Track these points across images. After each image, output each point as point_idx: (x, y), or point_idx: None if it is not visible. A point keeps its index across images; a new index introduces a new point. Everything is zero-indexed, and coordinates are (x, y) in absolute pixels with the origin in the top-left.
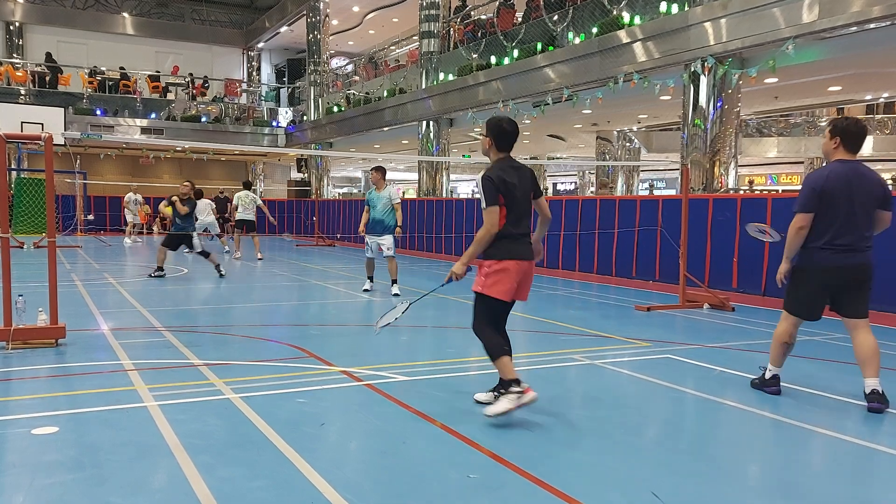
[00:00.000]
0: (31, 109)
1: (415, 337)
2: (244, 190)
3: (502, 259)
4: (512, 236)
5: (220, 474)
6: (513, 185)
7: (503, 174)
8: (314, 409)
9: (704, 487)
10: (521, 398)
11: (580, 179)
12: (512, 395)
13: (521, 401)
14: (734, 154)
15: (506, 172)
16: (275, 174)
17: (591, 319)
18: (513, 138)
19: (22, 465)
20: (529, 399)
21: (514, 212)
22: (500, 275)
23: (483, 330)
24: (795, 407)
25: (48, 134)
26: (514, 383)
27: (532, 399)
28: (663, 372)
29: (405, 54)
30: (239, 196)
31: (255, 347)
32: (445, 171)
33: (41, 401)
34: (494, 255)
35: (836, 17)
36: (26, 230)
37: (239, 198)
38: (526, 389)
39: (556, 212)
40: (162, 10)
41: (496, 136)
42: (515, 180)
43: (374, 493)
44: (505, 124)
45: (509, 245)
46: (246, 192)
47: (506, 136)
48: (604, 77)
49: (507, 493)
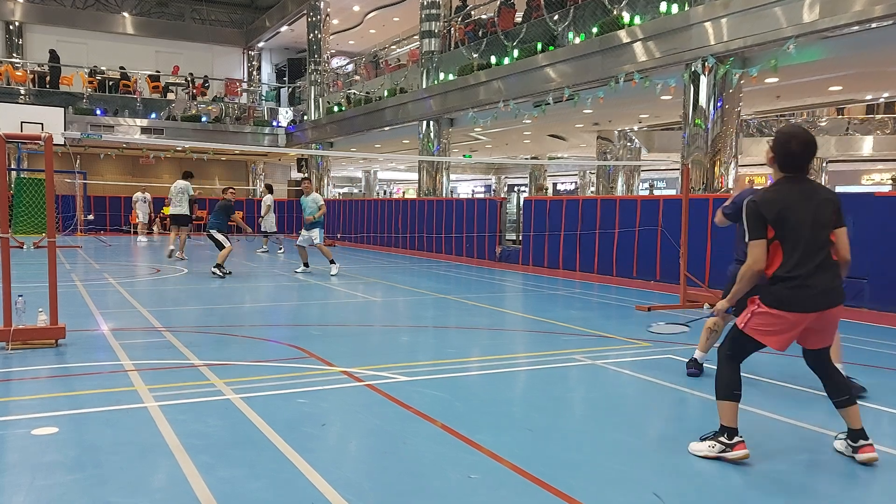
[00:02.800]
0: (30, 109)
1: (415, 337)
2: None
3: (776, 308)
4: (787, 280)
5: (220, 474)
6: (791, 214)
7: (777, 199)
8: (314, 410)
9: (706, 488)
10: (725, 452)
11: (581, 179)
12: (717, 445)
13: (722, 454)
14: (735, 154)
15: (783, 197)
16: (275, 174)
17: (593, 319)
18: (801, 161)
19: (22, 465)
20: (734, 457)
21: (795, 248)
22: (766, 320)
23: (724, 361)
24: (796, 406)
25: (48, 134)
26: (726, 432)
27: (738, 458)
28: (664, 372)
29: (406, 54)
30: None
31: (255, 347)
32: (446, 171)
33: (41, 401)
34: (766, 300)
35: (838, 16)
36: (26, 230)
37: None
38: (737, 446)
39: (556, 212)
40: (162, 10)
41: (779, 154)
42: (798, 208)
43: (374, 493)
44: (794, 145)
45: (781, 292)
46: (176, 183)
47: (792, 159)
48: (604, 77)
49: (507, 493)
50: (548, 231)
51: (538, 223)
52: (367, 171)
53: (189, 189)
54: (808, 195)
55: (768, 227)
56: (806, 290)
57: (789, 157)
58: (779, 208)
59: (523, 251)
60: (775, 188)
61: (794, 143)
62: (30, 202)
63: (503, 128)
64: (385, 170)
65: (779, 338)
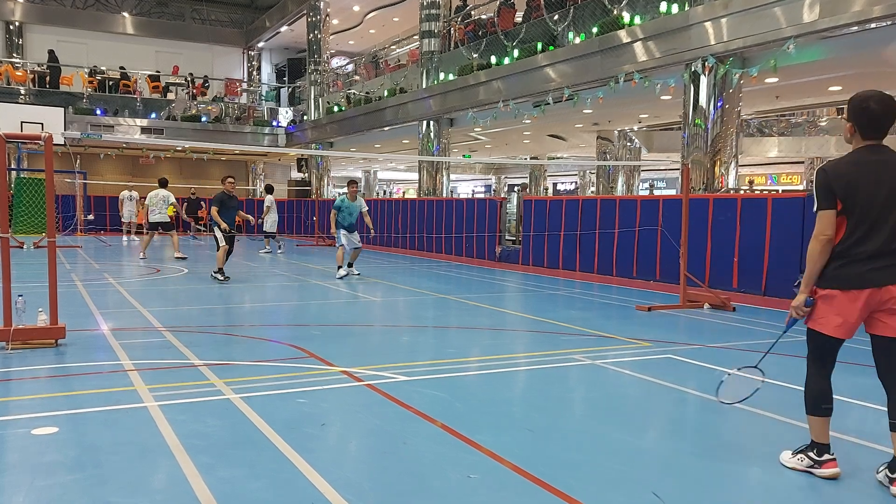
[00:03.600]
0: (31, 109)
1: (415, 337)
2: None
3: (826, 287)
4: (848, 257)
5: (220, 474)
6: (860, 185)
7: (849, 168)
8: (314, 410)
9: (706, 488)
10: (813, 468)
11: (581, 179)
12: (805, 459)
13: (811, 469)
14: (735, 154)
15: (855, 167)
16: (275, 174)
17: (593, 319)
18: (883, 122)
19: (22, 465)
20: (823, 475)
21: (861, 222)
22: (823, 305)
23: (809, 367)
24: (797, 407)
25: (48, 134)
26: (816, 448)
27: (828, 475)
28: (664, 372)
29: (406, 54)
30: (150, 196)
31: (255, 347)
32: (446, 171)
33: (41, 401)
34: (820, 283)
35: (838, 16)
36: (26, 230)
37: (150, 198)
38: (826, 464)
39: (556, 212)
40: (162, 10)
41: (857, 117)
42: (870, 179)
43: (374, 493)
44: (873, 103)
45: (840, 269)
46: (156, 192)
47: (873, 119)
48: (604, 77)
49: (507, 493)
50: (547, 231)
51: (538, 223)
52: (367, 170)
53: (170, 198)
54: (887, 167)
55: (836, 199)
56: (858, 266)
57: (871, 119)
58: (848, 180)
59: (523, 251)
60: (850, 158)
61: (873, 103)
62: (30, 202)
63: (503, 128)
64: (385, 170)
65: (839, 324)
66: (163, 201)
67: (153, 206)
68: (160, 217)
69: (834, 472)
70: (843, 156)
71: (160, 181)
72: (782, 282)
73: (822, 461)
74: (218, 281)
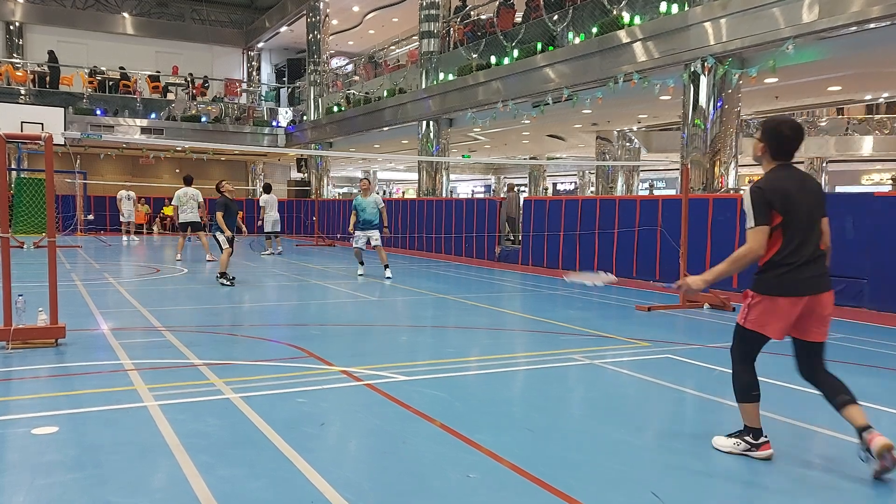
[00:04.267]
0: (31, 109)
1: (415, 337)
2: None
3: (768, 295)
4: (787, 265)
5: (220, 474)
6: (795, 199)
7: (782, 185)
8: (314, 409)
9: (705, 487)
10: (751, 451)
11: (580, 179)
12: (741, 444)
13: (749, 453)
14: (734, 154)
15: (785, 183)
16: (275, 174)
17: (592, 319)
18: (795, 144)
19: (22, 465)
20: (760, 456)
21: (796, 234)
22: (763, 309)
23: (737, 363)
24: (796, 406)
25: (48, 134)
26: (751, 432)
27: (763, 457)
28: (664, 372)
29: (405, 54)
30: (178, 195)
31: (255, 347)
32: (445, 171)
33: (41, 401)
34: (760, 288)
35: (836, 16)
36: (26, 230)
37: (178, 197)
38: (763, 446)
39: (556, 212)
40: (162, 10)
41: (772, 140)
42: (798, 195)
43: (374, 493)
44: (786, 129)
45: (780, 277)
46: (185, 190)
47: (786, 143)
48: (604, 77)
49: (506, 492)
50: (547, 231)
51: (537, 223)
52: (366, 171)
53: (198, 196)
54: (803, 182)
55: (774, 213)
56: (797, 274)
57: (783, 142)
58: (784, 194)
59: (523, 251)
60: (776, 175)
61: (785, 128)
62: (30, 202)
63: (502, 128)
64: (385, 170)
65: (776, 326)
66: (193, 199)
67: (183, 205)
68: (192, 216)
69: (769, 453)
70: (766, 174)
71: (186, 178)
72: None
73: (759, 444)
74: (224, 285)
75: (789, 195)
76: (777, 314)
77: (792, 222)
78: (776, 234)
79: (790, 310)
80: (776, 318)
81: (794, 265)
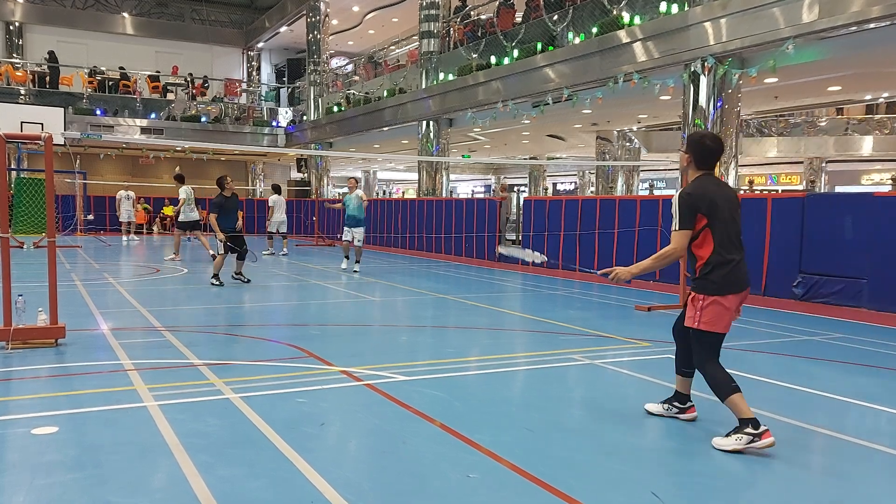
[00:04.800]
0: (30, 109)
1: (414, 337)
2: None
3: (718, 294)
4: (726, 264)
5: (219, 474)
6: (718, 202)
7: (707, 191)
8: (314, 409)
9: (705, 488)
10: (754, 442)
11: (580, 179)
12: (743, 437)
13: (752, 444)
14: (734, 154)
15: (710, 189)
16: (275, 174)
17: (592, 319)
18: (717, 156)
19: (22, 465)
20: (763, 445)
21: (724, 234)
22: (717, 309)
23: (706, 366)
24: (797, 407)
25: (48, 134)
26: (749, 423)
27: (767, 445)
28: (664, 372)
29: (405, 54)
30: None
31: (254, 347)
32: (445, 171)
33: (41, 401)
34: (709, 290)
35: (836, 16)
36: (26, 230)
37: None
38: (764, 434)
39: (556, 212)
40: (162, 10)
41: (697, 152)
42: (721, 199)
43: (373, 493)
44: (709, 141)
45: (725, 276)
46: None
47: (710, 154)
48: (604, 77)
49: (506, 492)
50: (547, 231)
51: (538, 223)
52: (366, 171)
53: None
54: (724, 188)
55: (699, 216)
56: (738, 270)
57: (707, 153)
58: (709, 199)
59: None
60: (700, 182)
61: (709, 140)
62: (30, 202)
63: (502, 128)
64: (384, 170)
65: (726, 322)
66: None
67: (190, 203)
68: (195, 215)
69: (771, 440)
70: (692, 183)
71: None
72: (782, 282)
73: (760, 433)
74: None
75: (714, 199)
76: (728, 310)
77: (718, 224)
78: (704, 235)
79: (736, 303)
80: (727, 314)
81: (731, 262)
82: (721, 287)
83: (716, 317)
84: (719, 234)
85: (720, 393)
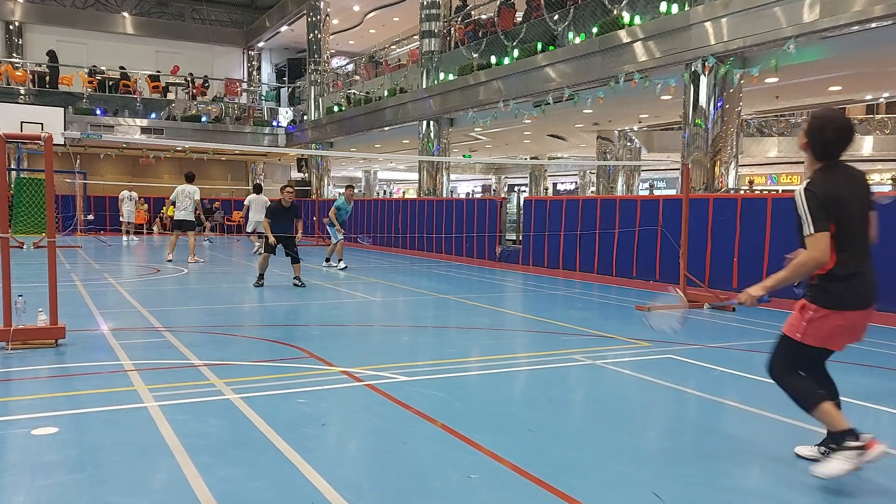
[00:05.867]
0: (30, 109)
1: (415, 337)
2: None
3: (836, 309)
4: (851, 277)
5: (220, 474)
6: (847, 205)
7: (833, 191)
8: (314, 410)
9: (706, 488)
10: (863, 455)
11: (581, 179)
12: (849, 453)
13: (862, 459)
14: (735, 154)
15: (838, 186)
16: (275, 174)
17: (592, 319)
18: (842, 147)
19: (22, 465)
20: (874, 456)
21: (852, 240)
22: (829, 325)
23: (784, 376)
24: (796, 406)
25: (48, 134)
26: (847, 436)
27: (878, 455)
28: (664, 372)
29: (406, 54)
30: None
31: (255, 347)
32: (446, 171)
33: (41, 401)
34: (825, 302)
35: (838, 16)
36: (26, 230)
37: (176, 193)
38: (869, 444)
39: (556, 212)
40: (162, 10)
41: (816, 143)
42: (850, 197)
43: (374, 493)
44: (829, 132)
45: (848, 288)
46: (183, 187)
47: (832, 146)
48: (605, 77)
49: (507, 493)
50: (548, 231)
51: (538, 223)
52: (367, 171)
53: (196, 194)
54: (852, 180)
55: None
56: (865, 284)
57: (828, 146)
58: (838, 198)
59: (523, 251)
60: (826, 177)
61: (830, 130)
62: (30, 202)
63: (503, 128)
64: (385, 170)
65: (840, 341)
66: (188, 198)
67: (180, 202)
68: (186, 215)
69: (882, 449)
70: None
71: (187, 175)
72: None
73: (862, 444)
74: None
75: (842, 199)
76: (841, 328)
77: (845, 228)
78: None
79: (855, 320)
80: (842, 332)
81: (860, 274)
82: (842, 301)
83: (827, 333)
84: (846, 240)
85: (805, 403)
